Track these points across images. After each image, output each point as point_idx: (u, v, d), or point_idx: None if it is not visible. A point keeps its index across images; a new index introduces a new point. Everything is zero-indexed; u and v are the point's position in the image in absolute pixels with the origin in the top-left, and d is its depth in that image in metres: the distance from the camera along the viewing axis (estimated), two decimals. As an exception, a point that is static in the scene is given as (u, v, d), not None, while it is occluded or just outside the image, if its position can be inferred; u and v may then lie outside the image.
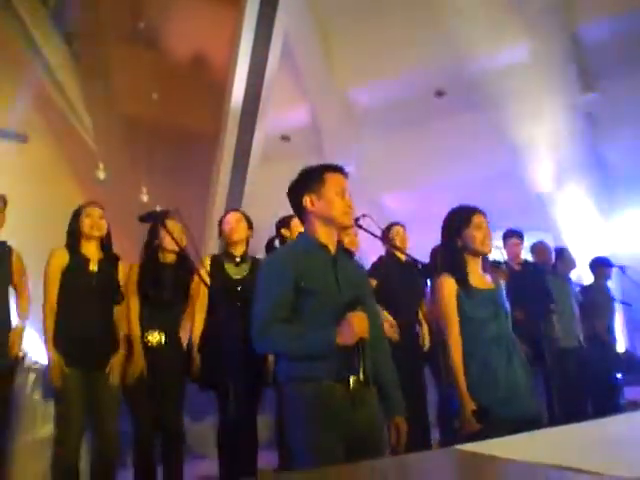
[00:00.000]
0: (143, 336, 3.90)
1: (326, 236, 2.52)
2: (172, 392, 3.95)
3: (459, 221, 3.04)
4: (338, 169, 2.59)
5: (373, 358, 2.49)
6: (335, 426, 2.35)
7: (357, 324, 2.30)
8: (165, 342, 3.92)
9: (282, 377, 2.48)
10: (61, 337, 3.72)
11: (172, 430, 3.94)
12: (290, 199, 2.61)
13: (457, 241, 3.01)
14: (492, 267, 3.18)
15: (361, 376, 2.35)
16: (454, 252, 3.03)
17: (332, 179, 2.54)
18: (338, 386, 2.36)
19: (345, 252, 2.70)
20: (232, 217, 4.26)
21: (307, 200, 2.52)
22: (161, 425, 3.89)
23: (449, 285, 2.97)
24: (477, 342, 2.91)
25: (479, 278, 3.02)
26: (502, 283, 3.16)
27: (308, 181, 2.56)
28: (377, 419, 2.51)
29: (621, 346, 7.19)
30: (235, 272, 4.10)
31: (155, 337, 3.90)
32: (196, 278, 3.84)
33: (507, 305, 3.07)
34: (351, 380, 2.36)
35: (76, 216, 3.91)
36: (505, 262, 5.52)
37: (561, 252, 6.05)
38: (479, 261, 3.04)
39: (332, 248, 2.53)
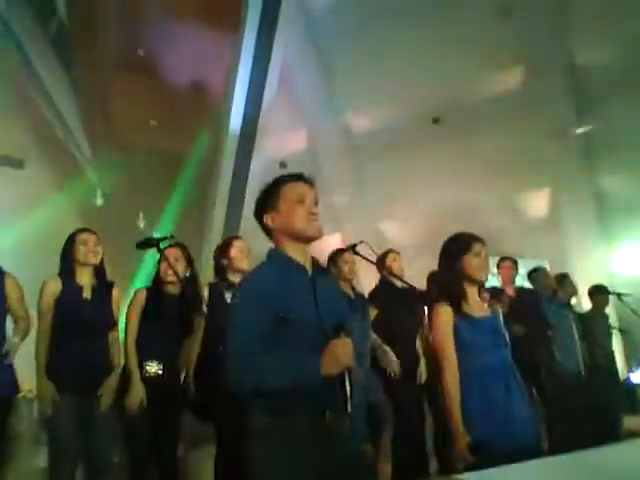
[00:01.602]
0: (142, 365, 3.83)
1: (297, 253, 2.32)
2: (169, 424, 3.88)
3: (458, 248, 3.03)
4: (295, 177, 2.37)
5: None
6: (310, 464, 2.16)
7: (341, 353, 2.14)
8: (163, 374, 3.86)
9: (252, 408, 2.26)
10: (55, 365, 3.66)
11: (167, 463, 3.86)
12: (257, 222, 2.42)
13: (455, 268, 3.00)
14: (491, 295, 3.15)
15: (349, 407, 2.11)
16: (452, 279, 3.01)
17: (288, 190, 2.33)
18: (313, 420, 2.18)
19: (320, 268, 2.47)
20: (242, 244, 4.19)
21: (268, 219, 2.35)
22: (157, 458, 3.81)
23: (445, 313, 2.93)
24: (474, 372, 2.87)
25: (477, 306, 2.99)
26: (500, 311, 3.11)
27: (266, 198, 2.37)
28: (359, 452, 2.33)
29: (621, 374, 7.16)
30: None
31: (153, 367, 3.83)
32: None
33: (506, 334, 3.03)
34: (327, 413, 2.17)
35: (70, 243, 3.83)
36: (499, 289, 5.51)
37: (562, 278, 6.04)
38: (476, 289, 3.02)
39: (308, 266, 2.35)
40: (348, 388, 2.13)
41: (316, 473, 2.17)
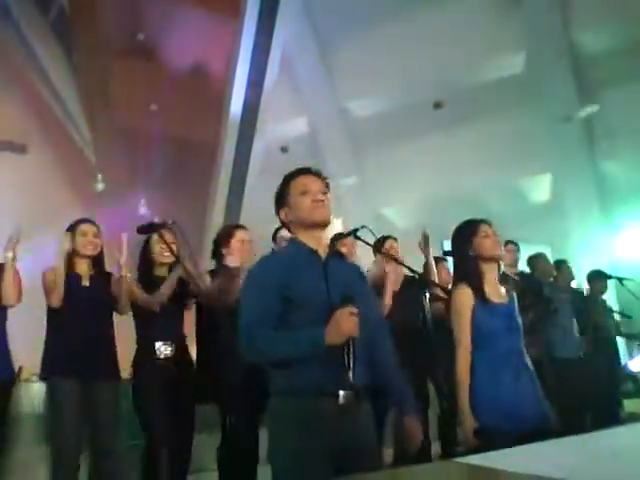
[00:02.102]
0: (153, 348, 3.82)
1: (310, 239, 2.44)
2: (185, 407, 3.87)
3: (467, 233, 3.07)
4: (300, 171, 2.52)
5: (374, 357, 2.40)
6: (319, 445, 2.21)
7: (345, 322, 2.17)
8: (175, 355, 3.84)
9: (271, 389, 2.35)
10: (56, 351, 3.67)
11: (183, 447, 3.87)
12: (281, 222, 2.59)
13: (469, 252, 3.04)
14: (502, 280, 3.16)
15: (350, 376, 2.16)
16: (468, 261, 3.05)
17: (294, 184, 2.48)
18: (327, 400, 2.23)
19: (338, 255, 2.59)
20: (243, 234, 4.14)
21: (282, 214, 2.51)
22: (172, 441, 3.79)
23: (465, 295, 2.96)
24: (486, 356, 2.90)
25: (495, 290, 3.01)
26: (515, 296, 3.12)
27: (278, 197, 2.53)
28: (368, 433, 2.38)
29: (622, 358, 7.16)
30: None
31: (167, 349, 3.82)
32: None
33: (519, 319, 3.05)
34: (341, 395, 2.23)
35: (70, 233, 3.79)
36: (503, 272, 5.50)
37: (561, 264, 6.04)
38: (495, 269, 3.05)
39: (322, 252, 2.44)
40: (351, 358, 2.16)
41: (326, 453, 2.23)
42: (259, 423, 3.82)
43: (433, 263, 4.76)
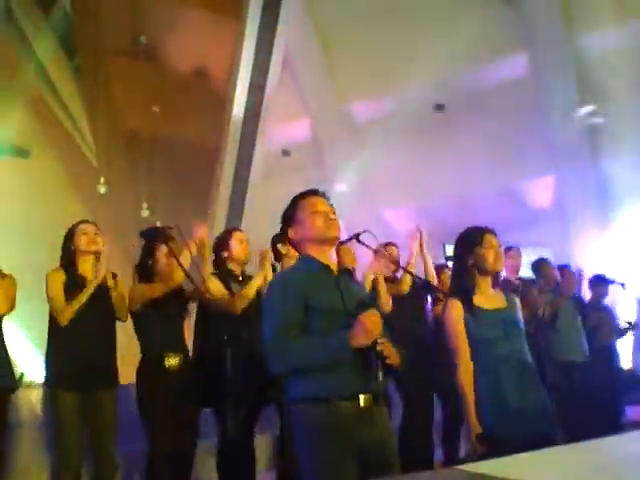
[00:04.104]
0: (162, 358, 3.83)
1: (323, 256, 2.55)
2: (189, 417, 3.87)
3: (470, 241, 3.07)
4: (308, 192, 2.65)
5: None
6: (347, 447, 2.30)
7: (371, 324, 2.27)
8: (182, 364, 3.85)
9: (290, 397, 2.42)
10: (60, 357, 3.68)
11: (186, 454, 3.87)
12: (288, 241, 2.71)
13: (468, 260, 3.04)
14: (505, 285, 3.16)
15: (380, 376, 2.31)
16: (464, 273, 3.05)
17: (302, 204, 2.61)
18: (348, 405, 2.31)
19: (346, 273, 2.67)
20: (241, 235, 4.20)
21: (291, 233, 2.62)
22: (175, 449, 3.80)
23: (455, 308, 2.97)
24: (485, 363, 2.89)
25: (489, 298, 3.01)
26: (517, 301, 3.12)
27: (286, 217, 2.65)
28: (389, 440, 2.47)
29: (626, 364, 7.14)
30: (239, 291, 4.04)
31: (175, 359, 3.83)
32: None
33: (521, 324, 3.05)
34: (361, 398, 2.32)
35: (70, 234, 3.86)
36: (504, 278, 5.49)
37: (564, 269, 6.04)
38: (489, 280, 3.05)
39: (333, 267, 2.55)
40: (379, 358, 2.27)
41: (351, 455, 2.31)
42: (254, 428, 3.84)
43: (431, 264, 4.76)
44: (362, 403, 2.33)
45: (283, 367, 2.39)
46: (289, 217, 2.63)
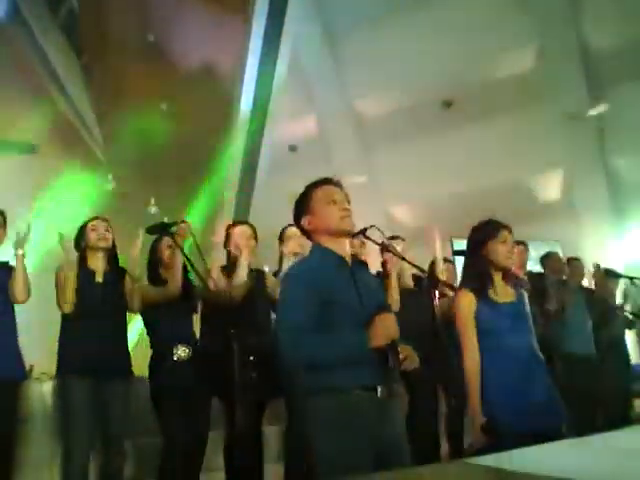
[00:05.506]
0: (171, 351, 3.88)
1: (337, 247, 2.52)
2: (201, 408, 3.94)
3: (484, 234, 3.07)
4: (323, 181, 2.61)
5: None
6: (364, 436, 2.32)
7: (387, 326, 2.32)
8: (192, 357, 3.91)
9: (307, 388, 2.41)
10: (69, 349, 3.73)
11: (199, 445, 3.91)
12: (299, 230, 2.68)
13: (481, 254, 3.04)
14: (513, 280, 3.16)
15: (397, 376, 2.36)
16: (477, 265, 3.06)
17: (318, 193, 2.56)
18: (366, 396, 2.34)
19: (358, 261, 2.69)
20: (245, 229, 4.22)
21: (305, 222, 2.57)
22: (187, 441, 3.83)
23: (467, 300, 3.00)
24: (494, 356, 2.91)
25: (500, 291, 3.02)
26: (526, 295, 3.13)
27: (299, 205, 2.61)
28: (402, 434, 2.48)
29: (634, 358, 7.10)
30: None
31: (184, 352, 3.88)
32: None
33: (530, 318, 3.05)
34: (379, 390, 2.35)
35: (81, 231, 3.94)
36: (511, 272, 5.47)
37: (572, 262, 6.02)
38: (500, 273, 3.05)
39: (347, 259, 2.53)
40: (396, 357, 2.31)
41: (368, 446, 2.32)
42: (261, 420, 3.86)
43: (441, 259, 4.76)
44: (380, 394, 2.35)
45: (298, 361, 2.39)
46: (303, 205, 2.59)
